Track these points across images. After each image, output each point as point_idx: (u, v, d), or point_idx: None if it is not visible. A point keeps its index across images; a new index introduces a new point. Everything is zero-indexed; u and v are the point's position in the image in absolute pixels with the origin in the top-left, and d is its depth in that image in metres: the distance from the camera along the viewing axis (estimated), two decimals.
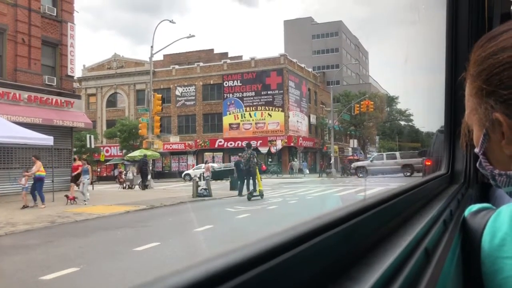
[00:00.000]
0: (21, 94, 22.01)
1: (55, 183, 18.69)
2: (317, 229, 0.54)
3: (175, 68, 53.49)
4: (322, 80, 66.53)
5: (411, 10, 5.26)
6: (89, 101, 54.70)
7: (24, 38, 22.67)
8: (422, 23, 3.98)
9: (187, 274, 0.36)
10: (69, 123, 24.01)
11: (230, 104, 50.58)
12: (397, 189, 1.03)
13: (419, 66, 5.61)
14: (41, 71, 23.55)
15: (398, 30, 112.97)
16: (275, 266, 0.43)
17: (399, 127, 64.52)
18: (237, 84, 50.43)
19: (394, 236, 0.77)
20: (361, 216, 0.68)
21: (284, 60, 49.68)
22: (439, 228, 0.99)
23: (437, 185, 1.68)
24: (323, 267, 0.54)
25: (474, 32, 2.53)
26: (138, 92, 53.22)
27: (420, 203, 1.18)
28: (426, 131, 58.33)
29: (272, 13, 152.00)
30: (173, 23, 32.66)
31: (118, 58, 55.07)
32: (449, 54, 2.47)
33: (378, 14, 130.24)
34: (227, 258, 0.39)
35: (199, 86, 52.10)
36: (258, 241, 0.45)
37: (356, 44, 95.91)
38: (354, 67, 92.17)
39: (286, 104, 48.91)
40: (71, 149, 25.42)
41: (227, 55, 56.77)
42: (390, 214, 0.87)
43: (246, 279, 0.39)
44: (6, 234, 9.94)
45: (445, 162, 2.22)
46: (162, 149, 38.12)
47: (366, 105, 44.09)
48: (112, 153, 50.09)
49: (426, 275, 0.70)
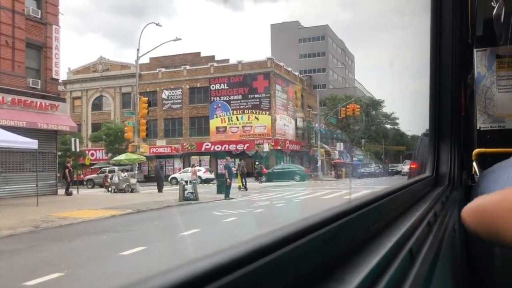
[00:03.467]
0: (4, 97, 21.72)
1: (39, 187, 18.46)
2: (302, 230, 0.55)
3: (161, 71, 53.25)
4: (308, 84, 66.80)
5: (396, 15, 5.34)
6: (74, 104, 54.14)
7: (7, 40, 22.38)
8: (407, 28, 4.03)
9: (173, 274, 0.36)
10: (54, 126, 23.75)
11: (217, 107, 50.50)
12: (382, 191, 1.04)
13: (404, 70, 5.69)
14: (25, 73, 23.27)
15: (383, 35, 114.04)
16: (261, 267, 0.43)
17: (385, 130, 65.01)
18: (224, 87, 50.38)
19: (379, 237, 0.78)
20: (346, 217, 0.69)
21: (271, 63, 49.78)
22: (424, 230, 1.00)
23: (422, 187, 1.70)
24: (308, 268, 0.54)
25: (458, 37, 2.57)
26: (124, 95, 52.83)
27: (405, 205, 1.20)
28: (411, 134, 58.96)
29: (258, 17, 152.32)
30: (159, 26, 32.61)
31: (103, 61, 54.65)
32: (433, 58, 2.50)
33: (364, 18, 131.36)
34: (213, 259, 0.39)
35: (186, 89, 51.93)
36: (244, 242, 0.45)
37: (342, 48, 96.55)
38: (340, 71, 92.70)
39: (273, 107, 49.00)
40: (55, 153, 25.15)
41: (214, 58, 56.67)
42: (376, 216, 0.87)
43: (232, 279, 0.39)
44: None
45: (430, 165, 2.24)
46: (148, 152, 37.89)
47: (352, 108, 44.38)
48: (97, 157, 49.61)
49: (410, 275, 0.71)
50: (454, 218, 1.60)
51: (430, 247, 0.92)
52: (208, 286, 0.37)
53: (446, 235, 1.24)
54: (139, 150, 31.46)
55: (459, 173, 2.36)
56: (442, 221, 1.17)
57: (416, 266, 0.77)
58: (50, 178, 24.12)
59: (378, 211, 0.90)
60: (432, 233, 1.05)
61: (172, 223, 12.72)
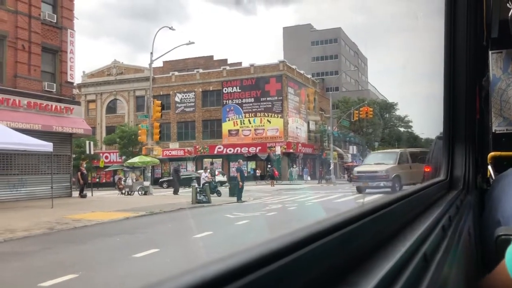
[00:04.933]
0: (20, 100, 22.02)
1: (54, 189, 18.65)
2: (314, 234, 0.54)
3: (174, 74, 53.54)
4: (321, 87, 66.64)
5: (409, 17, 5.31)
6: (89, 107, 54.67)
7: (24, 44, 22.71)
8: (420, 31, 4.00)
9: (183, 279, 0.36)
10: (69, 129, 24.01)
11: (229, 110, 50.60)
12: (395, 195, 1.03)
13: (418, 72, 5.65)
14: (41, 77, 23.57)
15: (397, 37, 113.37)
16: (272, 272, 0.43)
17: (398, 133, 64.52)
18: (236, 90, 50.48)
19: (393, 241, 0.77)
20: (359, 222, 0.68)
21: (283, 66, 49.75)
22: (438, 234, 0.99)
23: (436, 191, 1.68)
24: (320, 273, 0.54)
25: (473, 39, 2.54)
26: (138, 98, 53.23)
27: (418, 209, 1.18)
28: (425, 137, 58.40)
29: (271, 21, 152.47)
30: (172, 29, 32.77)
31: (117, 65, 55.13)
32: (447, 60, 2.48)
33: (376, 21, 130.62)
34: (223, 264, 0.39)
35: (199, 92, 52.14)
36: (255, 246, 0.44)
37: (355, 51, 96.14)
38: (353, 74, 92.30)
39: (286, 110, 48.94)
40: (70, 156, 25.41)
41: (226, 61, 56.83)
42: (389, 220, 0.87)
43: (242, 284, 0.38)
44: (5, 240, 9.91)
45: (444, 168, 2.22)
46: (162, 155, 38.09)
47: (365, 111, 44.13)
48: (111, 160, 50.01)
49: (425, 280, 0.70)
50: (469, 222, 1.57)
51: (445, 252, 0.91)
52: None
53: (461, 239, 1.22)
54: (152, 153, 31.64)
55: (473, 177, 2.33)
56: (457, 225, 1.16)
57: (431, 270, 0.76)
58: (65, 180, 24.37)
59: (391, 215, 0.89)
60: (447, 237, 1.03)
61: (185, 226, 12.75)
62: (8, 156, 20.92)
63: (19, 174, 21.75)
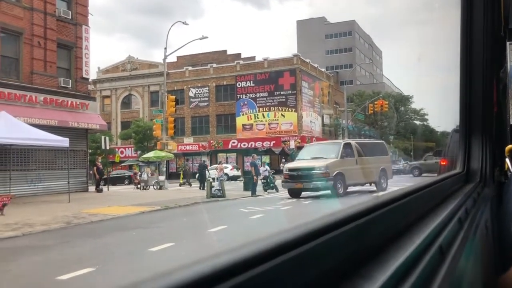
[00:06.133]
0: (37, 97, 22.31)
1: (70, 184, 18.89)
2: (328, 226, 0.54)
3: (188, 69, 53.69)
4: (335, 80, 66.22)
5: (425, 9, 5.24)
6: (104, 103, 55.17)
7: (40, 41, 22.97)
8: (436, 22, 3.95)
9: (194, 268, 0.36)
10: (84, 125, 24.27)
11: (243, 104, 50.60)
12: (410, 187, 1.02)
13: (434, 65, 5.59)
14: (56, 73, 23.84)
15: (412, 29, 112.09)
16: (284, 262, 0.42)
17: (414, 126, 63.88)
18: (250, 85, 50.43)
19: (408, 233, 0.76)
20: (373, 213, 0.68)
21: (297, 60, 49.54)
22: (454, 226, 0.98)
23: (453, 183, 1.66)
24: (333, 264, 0.53)
25: (490, 31, 2.50)
26: (152, 93, 53.54)
27: (434, 201, 1.17)
28: (441, 130, 57.76)
29: (284, 14, 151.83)
30: (186, 24, 32.88)
31: (132, 60, 55.47)
32: (464, 52, 2.44)
33: (391, 13, 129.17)
34: (235, 254, 0.39)
35: (212, 87, 52.23)
36: (268, 237, 0.44)
37: (369, 43, 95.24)
38: (367, 67, 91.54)
39: (300, 104, 48.78)
40: (86, 151, 25.69)
41: (240, 56, 56.79)
42: (404, 212, 0.86)
43: (253, 274, 0.38)
44: (23, 234, 10.08)
45: (461, 161, 2.19)
46: (176, 150, 38.30)
47: (380, 104, 43.75)
48: (126, 154, 50.45)
49: (441, 272, 0.69)
50: (486, 215, 1.55)
51: (461, 244, 0.90)
52: (229, 281, 0.37)
53: (478, 232, 1.20)
54: (167, 147, 31.84)
55: (491, 170, 2.30)
56: (473, 218, 1.14)
57: (447, 262, 0.75)
58: (81, 175, 24.67)
59: (406, 207, 0.88)
60: (463, 230, 1.02)
61: (200, 220, 12.82)
62: (25, 151, 21.23)
63: (37, 169, 22.08)
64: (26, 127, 17.71)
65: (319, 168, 17.18)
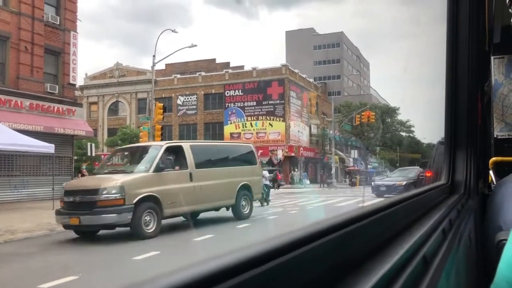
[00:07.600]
0: (23, 102, 22.06)
1: (55, 190, 18.65)
2: (313, 234, 0.54)
3: (176, 77, 53.63)
4: (323, 91, 66.64)
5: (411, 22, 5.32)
6: (91, 109, 54.77)
7: (27, 46, 22.76)
8: (422, 36, 4.00)
9: (180, 275, 0.36)
10: (70, 131, 24.04)
11: (231, 113, 50.65)
12: (396, 197, 1.03)
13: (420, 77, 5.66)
14: (43, 79, 23.62)
15: (399, 42, 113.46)
16: (269, 270, 0.42)
17: (400, 138, 64.51)
18: (238, 93, 50.53)
19: (392, 243, 0.77)
20: (358, 223, 0.68)
21: (285, 70, 49.81)
22: (438, 237, 0.99)
23: (437, 194, 1.68)
24: (318, 273, 0.53)
25: (475, 44, 2.54)
26: (140, 101, 53.30)
27: (419, 212, 1.18)
28: (427, 142, 58.40)
29: (273, 25, 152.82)
30: (175, 32, 32.79)
31: (120, 67, 55.24)
32: (449, 65, 2.48)
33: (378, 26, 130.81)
34: (219, 260, 0.39)
35: (201, 95, 52.21)
36: (253, 244, 0.44)
37: (357, 55, 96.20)
38: (355, 78, 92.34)
39: (288, 114, 48.96)
40: (72, 157, 25.42)
41: (228, 65, 56.92)
42: (389, 222, 0.86)
43: (237, 282, 0.38)
44: (5, 241, 9.91)
45: (445, 172, 2.22)
46: None
47: (367, 115, 44.14)
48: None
49: (424, 282, 0.70)
50: (470, 227, 1.57)
51: (444, 254, 0.91)
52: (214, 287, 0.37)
53: (461, 243, 1.22)
54: None
55: (475, 182, 2.32)
56: (457, 229, 1.15)
57: (430, 273, 0.76)
58: (66, 182, 24.37)
59: (391, 218, 0.89)
60: (447, 241, 1.03)
61: (185, 228, 12.71)
62: (9, 157, 20.94)
63: (21, 175, 21.77)
64: (11, 132, 17.49)
65: (107, 190, 10.08)
